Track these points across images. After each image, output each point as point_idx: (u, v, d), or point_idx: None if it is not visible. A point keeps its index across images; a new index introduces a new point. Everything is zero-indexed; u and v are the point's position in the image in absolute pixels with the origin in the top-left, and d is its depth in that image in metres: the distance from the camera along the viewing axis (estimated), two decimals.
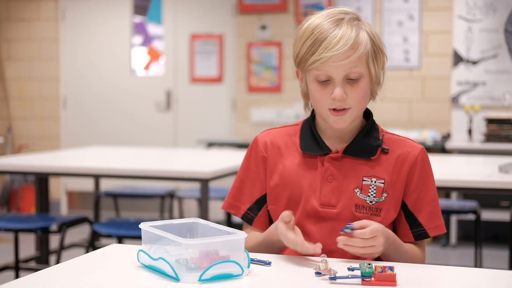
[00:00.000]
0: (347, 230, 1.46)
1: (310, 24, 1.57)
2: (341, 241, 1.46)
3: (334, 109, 1.57)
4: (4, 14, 6.73)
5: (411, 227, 1.64)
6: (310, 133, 1.67)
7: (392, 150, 1.64)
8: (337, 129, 1.62)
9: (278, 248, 1.61)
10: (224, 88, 6.30)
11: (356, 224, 1.47)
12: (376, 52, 1.59)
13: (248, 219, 1.71)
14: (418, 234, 1.64)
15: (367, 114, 1.68)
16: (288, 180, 1.65)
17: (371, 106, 1.68)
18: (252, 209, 1.71)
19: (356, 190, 1.60)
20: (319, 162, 1.64)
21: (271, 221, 1.70)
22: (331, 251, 1.55)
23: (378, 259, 1.59)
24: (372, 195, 1.60)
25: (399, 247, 1.58)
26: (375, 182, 1.60)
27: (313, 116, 1.70)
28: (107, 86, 6.60)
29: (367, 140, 1.64)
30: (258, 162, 1.70)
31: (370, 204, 1.60)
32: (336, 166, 1.62)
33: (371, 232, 1.46)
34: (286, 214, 1.51)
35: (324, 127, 1.66)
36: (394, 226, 1.67)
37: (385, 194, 1.60)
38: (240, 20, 6.14)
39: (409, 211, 1.63)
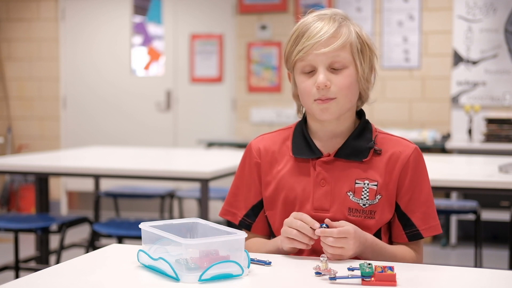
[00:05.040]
0: (323, 226, 1.48)
1: (297, 24, 1.61)
2: (318, 233, 1.46)
3: (319, 99, 1.57)
4: (4, 14, 6.73)
5: (404, 228, 1.62)
6: (302, 136, 1.66)
7: (384, 150, 1.62)
8: (325, 123, 1.61)
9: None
10: (224, 88, 6.30)
11: (331, 224, 1.48)
12: (363, 46, 1.59)
13: (246, 226, 1.71)
14: (412, 235, 1.62)
15: (361, 115, 1.68)
16: (283, 185, 1.64)
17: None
18: (248, 216, 1.70)
19: (348, 194, 1.59)
20: (311, 166, 1.63)
21: (270, 226, 1.70)
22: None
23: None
24: (365, 197, 1.59)
25: (381, 251, 1.57)
26: (368, 184, 1.59)
27: (305, 119, 1.69)
28: (107, 86, 6.60)
29: (359, 141, 1.62)
30: (252, 168, 1.70)
31: (363, 207, 1.58)
32: (328, 170, 1.61)
33: (339, 232, 1.46)
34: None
35: (315, 129, 1.65)
36: (389, 227, 1.67)
37: (378, 196, 1.59)
38: (240, 20, 6.14)
39: (402, 212, 1.62)
